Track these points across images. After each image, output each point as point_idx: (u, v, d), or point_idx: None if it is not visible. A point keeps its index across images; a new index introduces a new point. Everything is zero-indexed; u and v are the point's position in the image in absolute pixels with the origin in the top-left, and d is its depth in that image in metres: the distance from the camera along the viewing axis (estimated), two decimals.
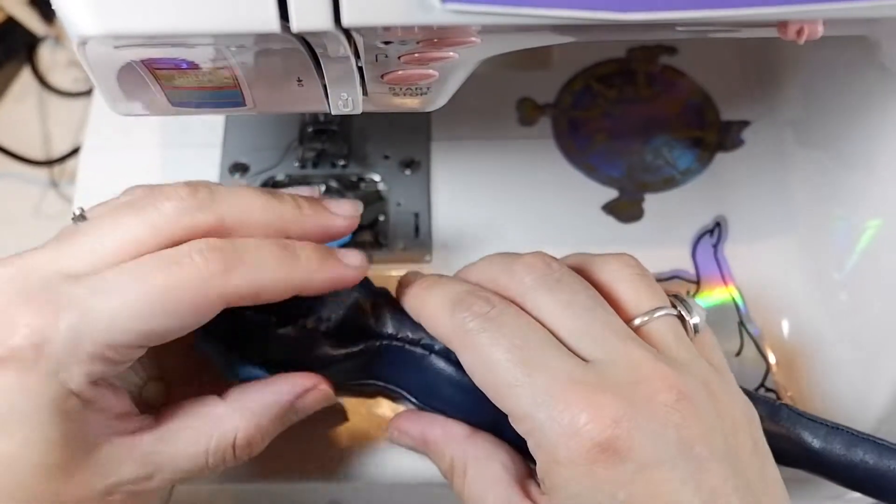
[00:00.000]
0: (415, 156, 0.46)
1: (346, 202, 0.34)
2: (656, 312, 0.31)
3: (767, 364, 0.41)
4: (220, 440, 0.31)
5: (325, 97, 0.31)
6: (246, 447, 0.32)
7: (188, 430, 0.31)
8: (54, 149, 0.59)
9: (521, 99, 0.49)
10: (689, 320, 0.32)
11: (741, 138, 0.47)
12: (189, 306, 0.28)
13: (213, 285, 0.29)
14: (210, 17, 0.25)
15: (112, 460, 0.30)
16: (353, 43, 0.27)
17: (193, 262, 0.28)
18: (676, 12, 0.25)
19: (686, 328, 0.32)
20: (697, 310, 0.32)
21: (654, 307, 0.31)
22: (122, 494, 0.30)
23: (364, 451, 0.37)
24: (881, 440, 0.33)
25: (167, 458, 0.31)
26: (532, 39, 0.30)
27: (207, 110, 0.32)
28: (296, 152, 0.46)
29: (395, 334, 0.35)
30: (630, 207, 0.45)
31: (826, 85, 0.44)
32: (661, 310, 0.31)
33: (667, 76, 0.50)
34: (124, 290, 0.28)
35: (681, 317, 0.32)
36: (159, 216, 0.29)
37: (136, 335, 0.28)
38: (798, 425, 0.34)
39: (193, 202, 0.30)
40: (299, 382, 0.34)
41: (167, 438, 0.31)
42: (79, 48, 0.26)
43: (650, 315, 0.31)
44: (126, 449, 0.30)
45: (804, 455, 0.34)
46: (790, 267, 0.43)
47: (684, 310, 0.32)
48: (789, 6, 0.25)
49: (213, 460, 0.31)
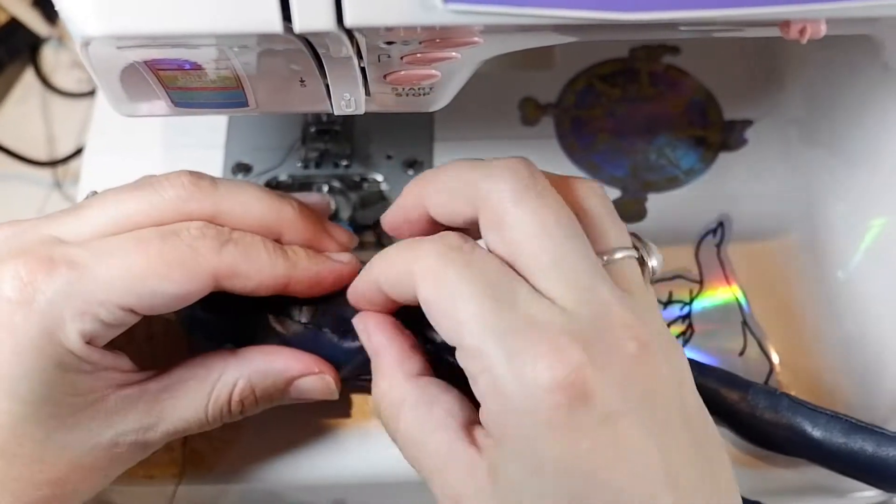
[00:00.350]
0: (417, 156, 0.46)
1: (344, 232, 0.35)
2: (621, 252, 0.29)
3: (771, 364, 0.41)
4: (220, 389, 0.32)
5: (328, 97, 0.31)
6: (239, 402, 0.33)
7: (192, 380, 0.32)
8: (57, 150, 0.59)
9: (524, 98, 0.49)
10: (649, 263, 0.30)
11: (745, 137, 0.47)
12: (182, 276, 0.29)
13: (206, 260, 0.30)
14: (213, 18, 0.25)
15: (118, 410, 0.31)
16: (355, 43, 0.27)
17: (190, 235, 0.30)
18: (679, 12, 0.25)
19: (644, 272, 0.30)
20: (655, 253, 0.31)
21: (622, 245, 0.29)
22: (126, 446, 0.31)
23: (369, 450, 0.37)
24: (880, 428, 0.33)
25: (170, 406, 0.32)
26: (534, 39, 0.30)
27: (210, 111, 0.32)
28: (298, 153, 0.46)
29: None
30: (633, 207, 0.45)
31: (829, 84, 0.43)
32: (627, 249, 0.29)
33: (670, 75, 0.50)
34: (122, 253, 0.29)
35: (641, 260, 0.30)
36: (160, 199, 0.31)
37: (129, 296, 0.29)
38: (798, 415, 0.34)
39: (195, 190, 0.31)
40: (308, 363, 0.34)
41: (171, 386, 0.32)
42: (82, 49, 0.26)
43: (617, 253, 0.29)
44: (131, 400, 0.31)
45: (804, 444, 0.34)
46: (794, 266, 0.43)
47: (645, 252, 0.30)
48: (792, 5, 0.25)
49: (213, 412, 0.32)
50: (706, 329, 0.42)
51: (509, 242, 0.28)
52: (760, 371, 0.41)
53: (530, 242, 0.27)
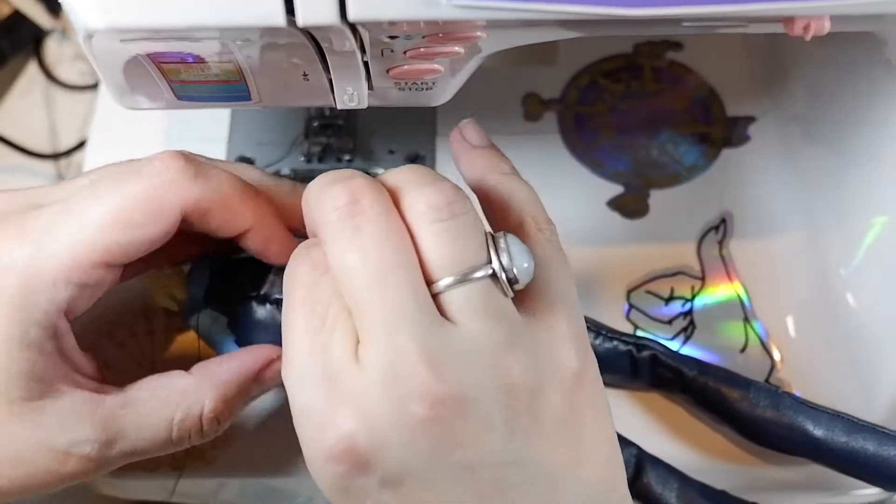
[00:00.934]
0: (420, 150, 0.46)
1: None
2: (448, 278, 0.25)
3: (772, 361, 0.41)
4: (186, 411, 0.31)
5: (331, 91, 0.31)
6: (213, 420, 0.31)
7: (154, 400, 0.31)
8: (61, 142, 0.59)
9: (527, 94, 0.49)
10: (502, 275, 0.26)
11: (747, 134, 0.47)
12: (146, 213, 0.28)
13: (171, 190, 0.29)
14: (216, 11, 0.25)
15: (72, 413, 0.29)
16: (358, 37, 0.27)
17: (153, 168, 0.29)
18: (683, 8, 0.25)
19: (500, 285, 0.26)
20: (518, 257, 0.26)
21: (458, 272, 0.25)
22: (79, 459, 0.29)
23: None
24: (881, 427, 0.33)
25: (131, 424, 0.30)
26: (538, 34, 0.29)
27: (213, 104, 0.32)
28: (301, 147, 0.46)
29: None
30: (635, 203, 0.45)
31: (832, 81, 0.43)
32: (457, 274, 0.25)
33: (673, 72, 0.50)
34: (82, 209, 0.28)
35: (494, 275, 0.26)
36: (139, 176, 0.29)
37: (97, 251, 0.28)
38: (800, 414, 0.34)
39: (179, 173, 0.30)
40: (264, 353, 0.33)
41: (132, 404, 0.30)
42: (85, 42, 0.26)
43: (443, 281, 0.25)
44: (88, 404, 0.29)
45: (807, 444, 0.34)
46: (796, 263, 0.43)
47: (506, 257, 0.26)
48: (796, 2, 0.25)
49: (178, 433, 0.31)
50: (708, 326, 0.42)
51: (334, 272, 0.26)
52: (762, 368, 0.41)
53: (344, 280, 0.26)
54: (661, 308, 0.43)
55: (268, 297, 0.35)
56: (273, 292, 0.35)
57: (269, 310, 0.35)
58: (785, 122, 0.47)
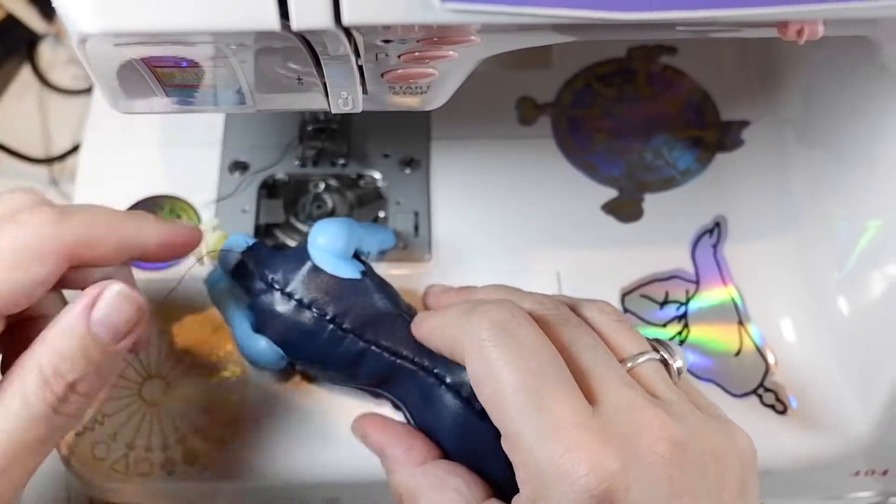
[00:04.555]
0: (415, 154, 0.46)
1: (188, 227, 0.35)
2: (641, 357, 0.31)
3: (767, 364, 0.41)
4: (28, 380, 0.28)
5: (325, 96, 0.31)
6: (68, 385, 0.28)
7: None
8: (54, 146, 0.59)
9: (521, 98, 0.49)
10: (673, 364, 0.32)
11: (741, 138, 0.47)
12: (29, 258, 0.29)
13: (47, 234, 0.29)
14: (210, 16, 0.25)
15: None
16: (353, 42, 0.27)
17: (24, 217, 0.29)
18: (677, 12, 0.25)
19: (669, 372, 0.32)
20: (679, 353, 0.32)
21: (640, 351, 0.31)
22: None
23: (361, 448, 0.37)
24: None
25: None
26: (532, 39, 0.30)
27: (207, 108, 0.32)
28: (296, 151, 0.46)
29: (412, 357, 0.35)
30: (630, 207, 0.45)
31: (826, 85, 0.44)
32: (646, 354, 0.31)
33: (667, 76, 0.50)
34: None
35: (664, 360, 0.32)
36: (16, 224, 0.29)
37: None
38: None
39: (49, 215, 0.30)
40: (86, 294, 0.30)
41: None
42: (79, 46, 0.26)
43: (637, 359, 0.31)
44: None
45: None
46: (790, 267, 0.43)
47: (667, 353, 0.32)
48: (790, 6, 0.25)
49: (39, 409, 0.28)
50: (702, 329, 0.42)
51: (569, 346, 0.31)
52: (756, 372, 0.41)
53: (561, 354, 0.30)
54: (656, 312, 0.43)
55: (292, 294, 0.36)
56: (297, 292, 0.36)
57: (292, 306, 0.35)
58: (779, 126, 0.47)
